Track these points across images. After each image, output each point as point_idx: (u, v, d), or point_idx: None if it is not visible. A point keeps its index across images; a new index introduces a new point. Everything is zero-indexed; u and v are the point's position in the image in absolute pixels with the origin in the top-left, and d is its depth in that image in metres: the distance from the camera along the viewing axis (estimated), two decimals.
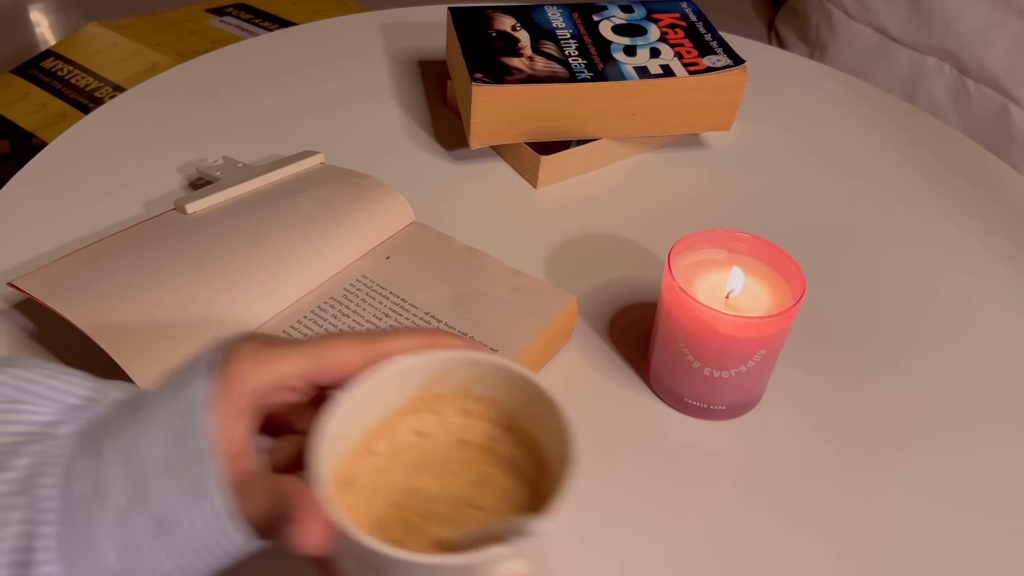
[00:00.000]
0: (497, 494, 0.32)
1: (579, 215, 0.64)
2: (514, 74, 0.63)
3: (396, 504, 0.31)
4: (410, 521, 0.31)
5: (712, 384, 0.47)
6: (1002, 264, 0.62)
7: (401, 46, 0.82)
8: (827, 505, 0.46)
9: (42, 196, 0.62)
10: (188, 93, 0.74)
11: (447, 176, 0.67)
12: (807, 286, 0.46)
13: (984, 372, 0.54)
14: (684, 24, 0.71)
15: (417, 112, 0.74)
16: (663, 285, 0.47)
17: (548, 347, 0.51)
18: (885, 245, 0.63)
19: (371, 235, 0.55)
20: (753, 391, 0.49)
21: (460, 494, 0.32)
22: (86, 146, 0.67)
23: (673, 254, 0.47)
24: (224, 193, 0.57)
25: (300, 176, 0.60)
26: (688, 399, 0.49)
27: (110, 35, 1.18)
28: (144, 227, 0.55)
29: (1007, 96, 1.09)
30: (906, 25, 1.17)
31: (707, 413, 0.49)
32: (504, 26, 0.69)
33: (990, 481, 0.48)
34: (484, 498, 0.32)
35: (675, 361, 0.48)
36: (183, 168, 0.65)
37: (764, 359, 0.47)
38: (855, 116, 0.78)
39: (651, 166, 0.70)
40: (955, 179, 0.71)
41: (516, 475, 0.32)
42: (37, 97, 1.10)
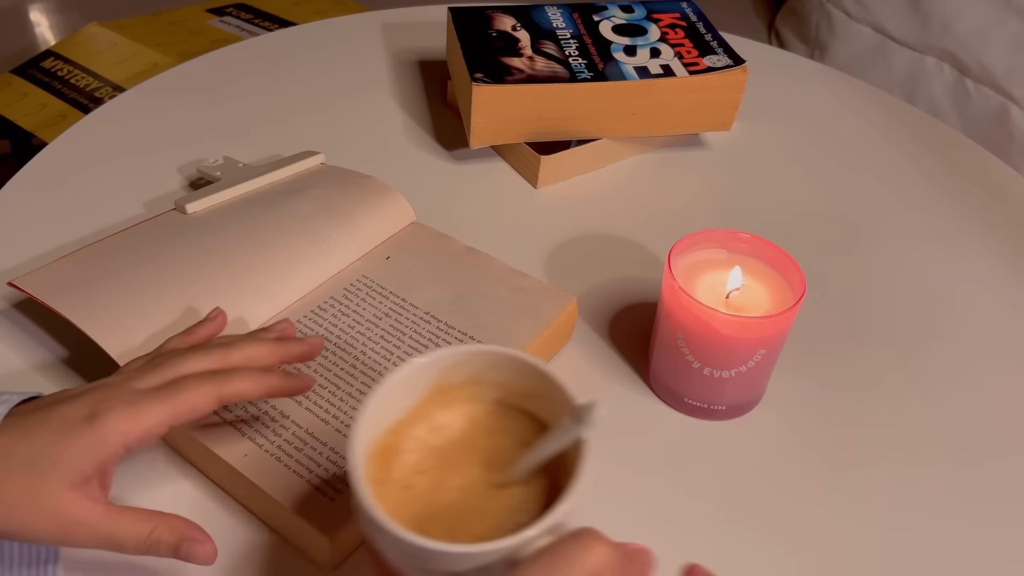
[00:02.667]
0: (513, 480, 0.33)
1: (579, 215, 0.64)
2: (514, 74, 0.63)
3: (424, 498, 0.32)
4: (440, 513, 0.32)
5: (712, 384, 0.47)
6: (1002, 265, 0.62)
7: (401, 46, 0.82)
8: (822, 510, 0.46)
9: (42, 196, 0.62)
10: (188, 93, 0.74)
11: (447, 176, 0.67)
12: (807, 286, 0.46)
13: (984, 374, 0.54)
14: (684, 24, 0.71)
15: (417, 112, 0.74)
16: (663, 285, 0.47)
17: (548, 347, 0.51)
18: (885, 246, 0.63)
19: (371, 235, 0.55)
20: (753, 391, 0.49)
21: (479, 480, 0.33)
22: (86, 146, 0.67)
23: (673, 254, 0.47)
24: (224, 193, 0.57)
25: (300, 176, 0.60)
26: (688, 399, 0.49)
27: (110, 35, 1.18)
28: (144, 227, 0.54)
29: (1007, 96, 1.09)
30: (906, 25, 1.17)
31: (707, 413, 0.49)
32: (504, 26, 0.69)
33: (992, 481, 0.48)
34: (502, 483, 0.33)
35: (675, 361, 0.48)
36: (183, 168, 0.65)
37: (764, 359, 0.47)
38: (855, 116, 0.78)
39: (651, 166, 0.69)
40: (955, 179, 0.71)
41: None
42: (37, 97, 1.10)
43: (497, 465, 0.34)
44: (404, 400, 0.35)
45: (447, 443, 0.34)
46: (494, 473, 0.33)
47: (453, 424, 0.35)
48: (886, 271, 0.61)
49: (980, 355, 0.55)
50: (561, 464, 0.33)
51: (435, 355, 0.34)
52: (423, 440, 0.35)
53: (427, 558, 0.29)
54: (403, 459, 0.34)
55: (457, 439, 0.35)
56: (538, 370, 0.34)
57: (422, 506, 0.32)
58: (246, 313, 0.49)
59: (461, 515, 0.32)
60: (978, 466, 0.48)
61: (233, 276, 0.50)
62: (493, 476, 0.33)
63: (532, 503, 0.32)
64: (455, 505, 0.32)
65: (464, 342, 0.49)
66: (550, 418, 0.34)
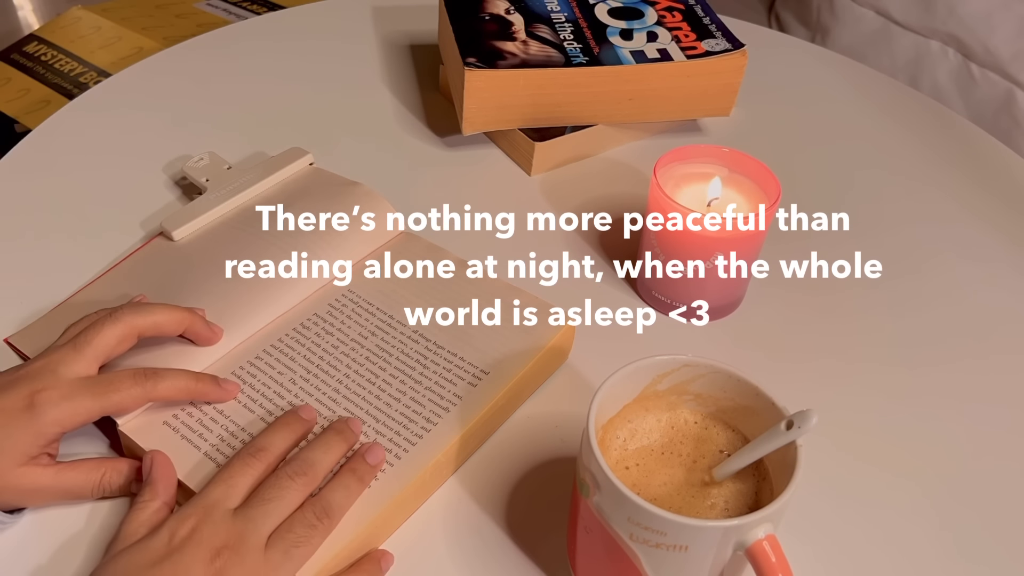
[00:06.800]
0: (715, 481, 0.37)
1: (574, 202, 0.62)
2: (507, 58, 0.61)
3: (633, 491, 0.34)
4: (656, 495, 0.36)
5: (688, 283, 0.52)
6: (1007, 249, 0.61)
7: (392, 30, 0.81)
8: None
9: (25, 184, 0.61)
10: (175, 78, 0.73)
11: (439, 163, 0.65)
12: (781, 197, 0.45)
13: (987, 358, 0.53)
14: (682, 7, 0.69)
15: (408, 98, 0.72)
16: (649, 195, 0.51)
17: (543, 369, 0.49)
18: (888, 230, 0.62)
19: (358, 247, 0.53)
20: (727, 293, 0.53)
21: (681, 480, 0.36)
22: (70, 133, 0.66)
23: (660, 165, 0.51)
24: (210, 214, 0.55)
25: (286, 184, 0.58)
26: (658, 294, 0.53)
27: (94, 19, 1.16)
28: (132, 262, 0.53)
29: (1012, 81, 1.07)
30: (909, 8, 1.15)
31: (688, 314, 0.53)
32: (497, 9, 0.67)
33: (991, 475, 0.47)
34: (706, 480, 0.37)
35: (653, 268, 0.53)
36: (168, 156, 0.64)
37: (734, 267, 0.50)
38: (857, 101, 0.76)
39: (648, 152, 0.68)
40: (960, 164, 0.69)
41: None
42: (20, 82, 1.08)
43: (697, 470, 0.37)
44: (619, 399, 0.38)
45: (647, 446, 0.38)
46: (694, 475, 0.36)
47: (654, 428, 0.38)
48: (889, 256, 0.60)
49: (984, 341, 0.54)
50: (755, 469, 0.36)
51: (653, 361, 0.37)
52: (624, 441, 0.38)
53: (660, 529, 0.32)
54: (608, 456, 0.37)
55: (659, 443, 0.38)
56: (747, 384, 0.37)
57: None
58: (228, 336, 0.47)
59: (670, 508, 0.34)
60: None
61: (216, 304, 0.48)
62: (694, 477, 0.36)
63: (732, 503, 0.36)
64: (661, 500, 0.35)
65: (455, 363, 0.47)
66: (747, 428, 0.38)
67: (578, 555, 0.38)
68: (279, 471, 0.39)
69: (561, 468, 0.45)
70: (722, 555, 0.33)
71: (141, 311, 0.43)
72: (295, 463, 0.40)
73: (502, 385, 0.46)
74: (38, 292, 0.52)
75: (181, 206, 0.59)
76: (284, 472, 0.39)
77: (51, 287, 0.52)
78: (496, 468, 0.45)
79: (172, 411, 0.44)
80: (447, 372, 0.47)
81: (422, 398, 0.45)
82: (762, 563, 0.32)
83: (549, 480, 0.45)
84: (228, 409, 0.44)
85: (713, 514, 0.35)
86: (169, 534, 0.36)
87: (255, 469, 0.39)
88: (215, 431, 0.43)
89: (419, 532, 0.42)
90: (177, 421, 0.44)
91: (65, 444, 0.42)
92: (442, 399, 0.45)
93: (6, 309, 0.51)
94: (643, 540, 0.33)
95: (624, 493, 0.32)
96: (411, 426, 0.44)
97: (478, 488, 0.44)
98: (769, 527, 0.33)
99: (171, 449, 0.42)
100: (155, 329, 0.44)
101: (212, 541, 0.36)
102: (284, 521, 0.38)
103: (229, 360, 0.47)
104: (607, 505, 0.34)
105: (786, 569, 0.32)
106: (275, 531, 0.38)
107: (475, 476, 0.45)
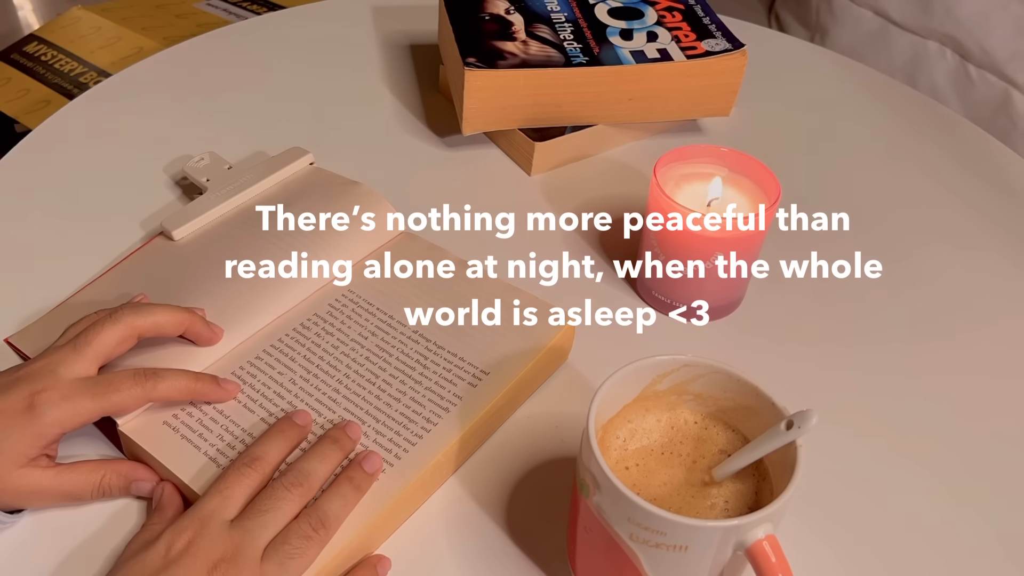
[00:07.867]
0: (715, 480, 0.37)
1: (574, 202, 0.62)
2: (507, 58, 0.61)
3: (633, 490, 0.34)
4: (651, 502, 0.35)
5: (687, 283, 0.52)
6: (1004, 249, 0.61)
7: (392, 30, 0.81)
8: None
9: (25, 184, 0.61)
10: (175, 78, 0.73)
11: (439, 163, 0.65)
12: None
13: (985, 356, 0.53)
14: (682, 7, 0.69)
15: (408, 98, 0.72)
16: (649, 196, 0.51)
17: (543, 369, 0.49)
18: (889, 230, 0.62)
19: (358, 247, 0.53)
20: (726, 293, 0.53)
21: (681, 480, 0.37)
22: (70, 133, 0.66)
23: (660, 164, 0.51)
24: (210, 214, 0.55)
25: (286, 184, 0.58)
26: (658, 294, 0.53)
27: (94, 19, 1.16)
28: (132, 262, 0.53)
29: (1009, 82, 1.07)
30: (907, 9, 1.15)
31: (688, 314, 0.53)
32: (497, 9, 0.67)
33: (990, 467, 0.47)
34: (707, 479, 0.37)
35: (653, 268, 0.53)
36: (168, 156, 0.64)
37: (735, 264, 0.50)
38: (856, 101, 0.76)
39: (648, 152, 0.68)
40: (957, 163, 0.69)
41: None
42: (20, 82, 1.07)
43: (697, 470, 0.37)
44: (619, 400, 0.38)
45: (647, 446, 0.38)
46: (694, 475, 0.37)
47: (654, 428, 0.38)
48: (888, 255, 0.60)
49: (982, 340, 0.54)
50: (755, 469, 0.36)
51: (653, 361, 0.37)
52: (624, 441, 0.38)
53: (660, 529, 0.32)
54: (608, 456, 0.37)
55: (659, 443, 0.38)
56: (747, 384, 0.37)
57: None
58: (227, 338, 0.47)
59: (670, 508, 0.34)
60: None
61: (215, 305, 0.48)
62: (694, 477, 0.37)
63: (732, 503, 0.36)
64: (661, 500, 0.36)
65: (455, 363, 0.47)
66: (747, 428, 0.38)
67: (578, 555, 0.38)
68: (275, 482, 0.39)
69: (561, 468, 0.45)
70: (722, 555, 0.33)
71: (141, 311, 0.43)
72: (291, 474, 0.40)
73: (502, 385, 0.46)
74: (38, 292, 0.52)
75: (181, 206, 0.59)
76: (280, 483, 0.39)
77: (51, 287, 0.52)
78: (496, 468, 0.45)
79: (172, 411, 0.44)
80: (447, 372, 0.47)
81: (422, 398, 0.45)
82: (762, 563, 0.32)
83: (549, 480, 0.45)
84: (228, 409, 0.44)
85: (713, 514, 0.35)
86: (166, 547, 0.36)
87: (251, 479, 0.39)
88: (215, 431, 0.43)
89: (419, 532, 0.42)
90: (177, 421, 0.44)
91: (65, 445, 0.42)
92: (442, 399, 0.45)
93: (6, 309, 0.51)
94: (643, 540, 0.33)
95: (624, 493, 0.32)
96: (411, 426, 0.44)
97: (478, 488, 0.44)
98: (769, 527, 0.33)
99: (171, 449, 0.42)
100: (155, 329, 0.44)
101: (209, 554, 0.36)
102: (280, 532, 0.38)
103: (229, 360, 0.47)
104: (607, 505, 0.34)
105: (786, 569, 0.32)
106: (271, 542, 0.37)
107: (475, 476, 0.45)
